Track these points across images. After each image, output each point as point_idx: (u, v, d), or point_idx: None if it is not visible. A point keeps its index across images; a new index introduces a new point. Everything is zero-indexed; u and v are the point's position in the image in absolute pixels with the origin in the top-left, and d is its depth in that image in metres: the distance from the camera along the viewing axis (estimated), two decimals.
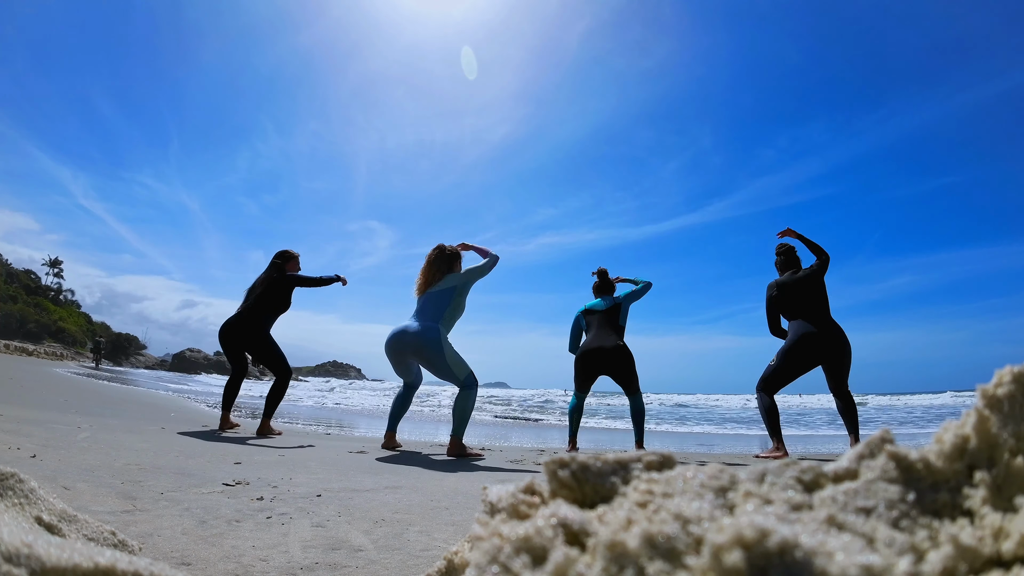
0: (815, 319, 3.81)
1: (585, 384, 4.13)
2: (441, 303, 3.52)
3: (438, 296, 3.55)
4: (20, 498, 0.67)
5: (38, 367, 15.45)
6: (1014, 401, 0.35)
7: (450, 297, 3.55)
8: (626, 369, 3.99)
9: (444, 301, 3.53)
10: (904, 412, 13.35)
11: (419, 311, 3.55)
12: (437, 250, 3.74)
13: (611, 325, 4.11)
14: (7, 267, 55.37)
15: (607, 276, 4.40)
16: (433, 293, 3.57)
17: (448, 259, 3.71)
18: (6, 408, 3.48)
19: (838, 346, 3.73)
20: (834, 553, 0.27)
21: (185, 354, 44.82)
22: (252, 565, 1.01)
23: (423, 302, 3.58)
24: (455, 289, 3.57)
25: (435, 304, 3.52)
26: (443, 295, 3.55)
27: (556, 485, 0.40)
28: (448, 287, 3.58)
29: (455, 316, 3.58)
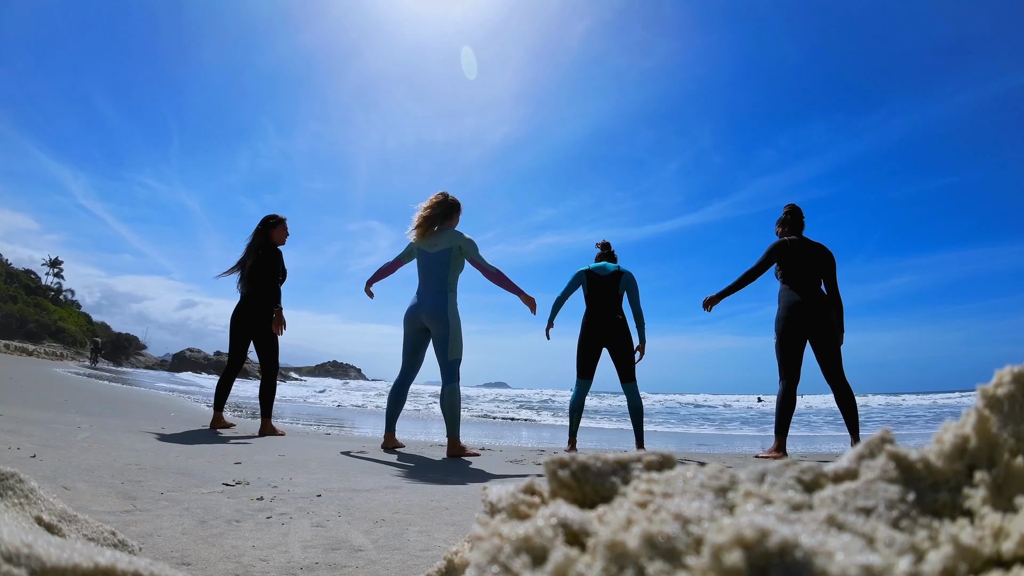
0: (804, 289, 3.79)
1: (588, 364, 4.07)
2: (441, 265, 3.58)
3: (436, 257, 3.60)
4: (20, 498, 0.67)
5: (38, 367, 15.45)
6: (1014, 401, 0.35)
7: (448, 257, 3.59)
8: (625, 346, 3.97)
9: (444, 263, 3.58)
10: (904, 412, 13.35)
11: (423, 279, 3.64)
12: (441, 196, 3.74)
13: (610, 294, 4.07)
14: (7, 267, 55.38)
15: (610, 247, 4.38)
16: (431, 255, 3.61)
17: (449, 208, 3.72)
18: (6, 408, 3.48)
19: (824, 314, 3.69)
20: (834, 553, 0.27)
21: (185, 354, 44.84)
22: (252, 565, 1.01)
23: (423, 266, 3.64)
24: (451, 250, 3.59)
25: (436, 267, 3.59)
26: (441, 256, 3.59)
27: (556, 485, 0.40)
28: (444, 247, 3.61)
29: (455, 276, 3.64)
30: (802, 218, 4.08)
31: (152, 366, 46.99)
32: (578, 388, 4.12)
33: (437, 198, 3.72)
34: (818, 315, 3.72)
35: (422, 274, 3.65)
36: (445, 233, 3.64)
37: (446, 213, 3.70)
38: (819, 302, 3.76)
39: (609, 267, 4.15)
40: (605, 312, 4.03)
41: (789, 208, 4.12)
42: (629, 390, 3.99)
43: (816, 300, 3.76)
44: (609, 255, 4.34)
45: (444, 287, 3.56)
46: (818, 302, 3.76)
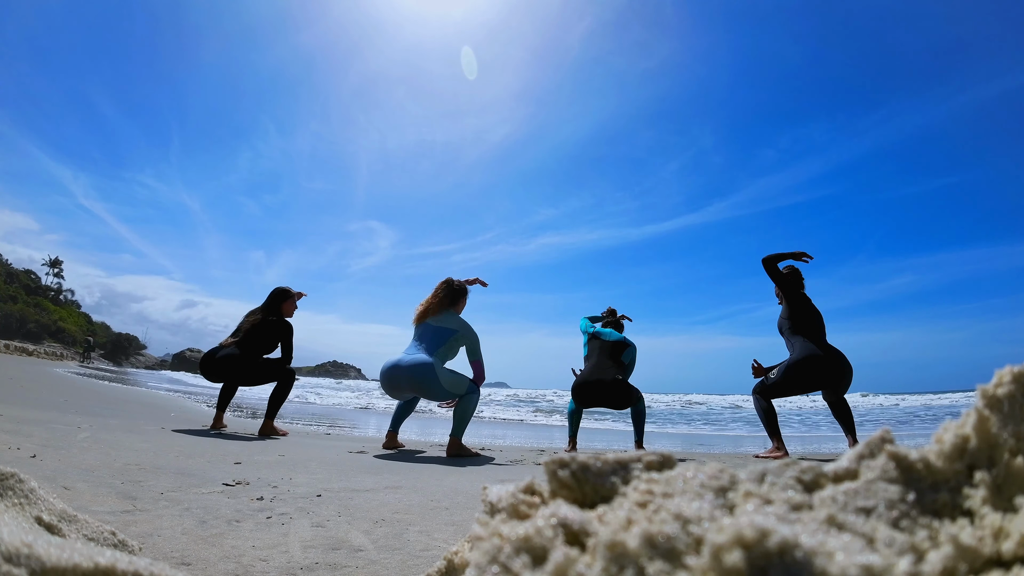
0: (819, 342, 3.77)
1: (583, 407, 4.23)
2: (438, 339, 3.50)
3: (435, 331, 3.53)
4: (20, 498, 0.67)
5: (38, 367, 15.44)
6: (1014, 401, 0.35)
7: (447, 337, 3.52)
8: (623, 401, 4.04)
9: (441, 339, 3.50)
10: (904, 412, 13.35)
11: (415, 341, 3.55)
12: (445, 283, 3.74)
13: (613, 358, 4.21)
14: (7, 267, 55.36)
15: (616, 314, 4.65)
16: (431, 327, 3.56)
17: (454, 293, 3.71)
18: (6, 408, 3.48)
19: (842, 374, 3.68)
20: (834, 553, 0.27)
21: (185, 354, 44.82)
22: (252, 565, 1.01)
23: (420, 333, 3.57)
24: (454, 333, 3.53)
25: (432, 338, 3.50)
26: (440, 332, 3.53)
27: (556, 485, 0.40)
28: (447, 327, 3.55)
29: (448, 356, 3.54)
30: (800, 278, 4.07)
31: (152, 366, 46.99)
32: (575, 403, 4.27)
33: (441, 287, 3.73)
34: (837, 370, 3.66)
35: (415, 341, 3.55)
36: (453, 316, 3.61)
37: (452, 300, 3.69)
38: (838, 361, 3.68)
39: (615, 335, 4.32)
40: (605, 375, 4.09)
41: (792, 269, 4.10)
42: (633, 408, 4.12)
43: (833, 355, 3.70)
44: (616, 323, 4.54)
45: (432, 355, 3.41)
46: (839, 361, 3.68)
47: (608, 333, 4.32)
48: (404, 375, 3.33)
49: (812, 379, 3.71)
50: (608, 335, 4.31)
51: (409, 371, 3.32)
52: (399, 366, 3.36)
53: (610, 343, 4.26)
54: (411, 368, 3.32)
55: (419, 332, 3.58)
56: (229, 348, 4.08)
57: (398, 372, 3.35)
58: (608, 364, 4.16)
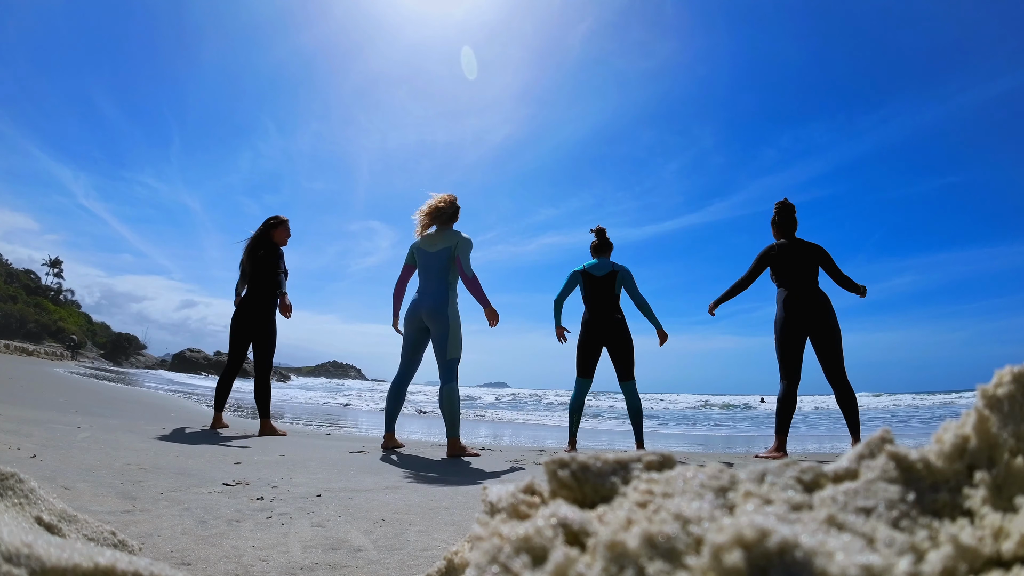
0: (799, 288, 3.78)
1: (588, 363, 4.08)
2: (441, 264, 3.65)
3: (436, 256, 3.67)
4: (20, 498, 0.67)
5: (38, 367, 15.44)
6: (1014, 401, 0.35)
7: (447, 258, 3.65)
8: (624, 345, 3.98)
9: (443, 262, 3.65)
10: (904, 412, 13.35)
11: (423, 277, 3.69)
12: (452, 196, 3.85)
13: (607, 294, 4.07)
14: (7, 267, 55.36)
15: (605, 235, 4.31)
16: (431, 254, 3.68)
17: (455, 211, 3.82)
18: (6, 408, 3.48)
19: (822, 309, 3.68)
20: (834, 553, 0.27)
21: (185, 354, 44.79)
22: (252, 565, 1.01)
23: (423, 266, 3.70)
24: (450, 250, 3.66)
25: (436, 266, 3.65)
26: (441, 255, 3.67)
27: (556, 485, 0.40)
28: (444, 247, 3.68)
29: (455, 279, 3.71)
30: (793, 214, 4.02)
31: (152, 366, 46.95)
32: (578, 387, 4.13)
33: (451, 197, 3.82)
34: (816, 311, 3.70)
35: (423, 274, 3.71)
36: (445, 233, 3.71)
37: (452, 215, 3.79)
38: (816, 298, 3.73)
39: (603, 266, 4.14)
40: (604, 312, 4.03)
41: (779, 206, 4.08)
42: (628, 389, 3.99)
43: (813, 296, 3.74)
44: (604, 243, 4.28)
45: (444, 285, 3.61)
46: (815, 298, 3.73)
47: (596, 266, 4.13)
48: (425, 307, 3.59)
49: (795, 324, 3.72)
50: (595, 269, 4.12)
51: (430, 306, 3.58)
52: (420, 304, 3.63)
53: (600, 278, 4.09)
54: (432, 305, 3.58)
55: (422, 265, 3.72)
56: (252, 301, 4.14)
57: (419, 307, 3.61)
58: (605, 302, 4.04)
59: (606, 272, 4.10)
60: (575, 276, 4.20)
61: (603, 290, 4.07)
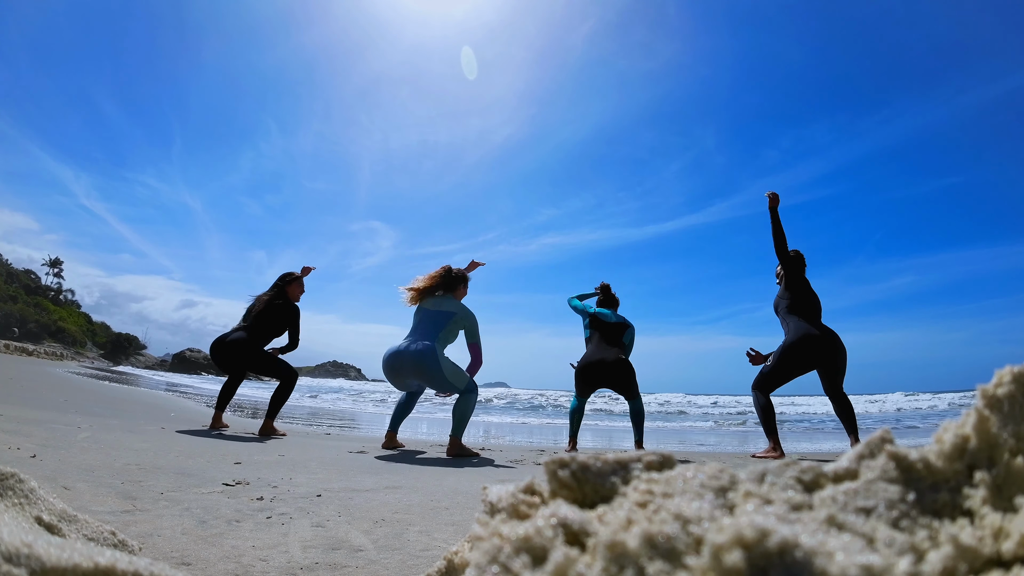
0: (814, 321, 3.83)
1: (586, 392, 4.22)
2: (437, 324, 3.51)
3: (434, 316, 3.55)
4: (20, 498, 0.67)
5: (38, 367, 15.44)
6: (1014, 401, 0.35)
7: (447, 321, 3.53)
8: (626, 381, 4.06)
9: (440, 323, 3.51)
10: (904, 412, 13.35)
11: (414, 329, 3.56)
12: (444, 269, 3.76)
13: (614, 339, 4.22)
14: (7, 267, 55.36)
15: (610, 291, 4.54)
16: (430, 312, 3.57)
17: (453, 280, 3.72)
18: (6, 408, 3.48)
19: (836, 350, 3.72)
20: (834, 553, 0.27)
21: (185, 354, 44.78)
22: (252, 565, 1.01)
23: (419, 320, 3.58)
24: (452, 316, 3.54)
25: (431, 324, 3.52)
26: (440, 316, 3.54)
27: (556, 485, 0.40)
28: (446, 311, 3.56)
29: (448, 340, 3.55)
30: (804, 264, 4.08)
31: (152, 366, 46.95)
32: (577, 401, 4.27)
33: (440, 271, 3.73)
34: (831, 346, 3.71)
35: (415, 328, 3.56)
36: (451, 301, 3.64)
37: (450, 286, 3.71)
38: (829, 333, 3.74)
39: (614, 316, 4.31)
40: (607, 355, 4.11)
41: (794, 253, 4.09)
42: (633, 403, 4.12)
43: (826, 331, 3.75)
44: (610, 299, 4.50)
45: (433, 340, 3.43)
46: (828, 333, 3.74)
47: (607, 315, 4.31)
48: (408, 361, 3.35)
49: (807, 358, 3.75)
50: (607, 316, 4.30)
51: (413, 357, 3.33)
52: (403, 353, 3.37)
53: (610, 324, 4.25)
54: (415, 354, 3.33)
55: (417, 319, 3.59)
56: (238, 333, 4.13)
57: (402, 359, 3.37)
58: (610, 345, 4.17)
59: (617, 321, 4.29)
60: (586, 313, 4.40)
61: (610, 336, 4.24)
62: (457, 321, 3.56)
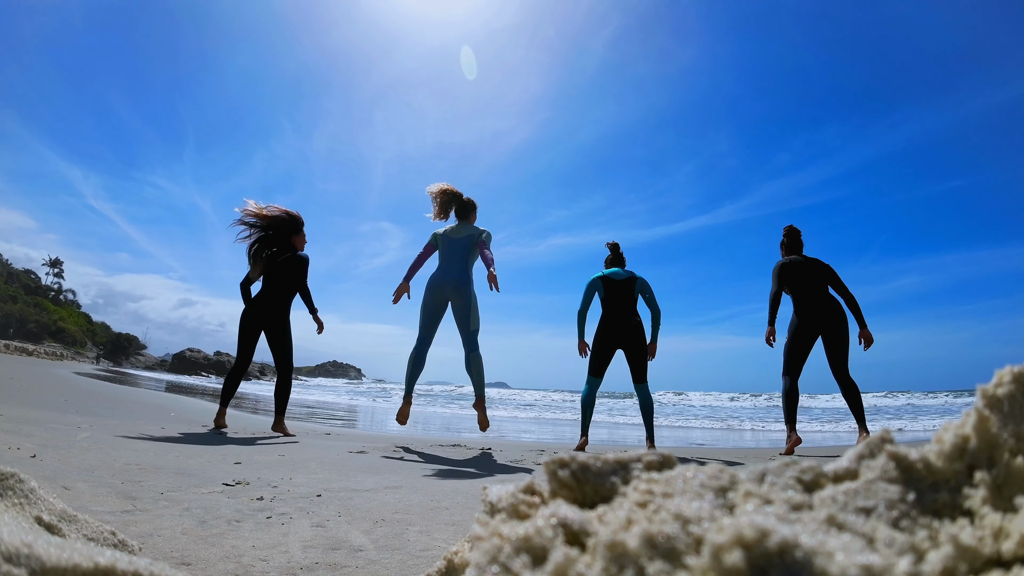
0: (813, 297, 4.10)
1: (601, 362, 4.22)
2: (466, 249, 4.04)
3: (462, 243, 4.05)
4: (20, 498, 0.67)
5: (38, 367, 15.44)
6: (1014, 401, 0.35)
7: (471, 243, 4.05)
8: (640, 348, 4.14)
9: (467, 248, 4.04)
10: (904, 412, 13.35)
11: (446, 258, 4.05)
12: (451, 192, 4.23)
13: (627, 298, 4.24)
14: (7, 267, 55.38)
15: (618, 249, 4.52)
16: (456, 240, 4.06)
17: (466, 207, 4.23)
18: (6, 408, 3.48)
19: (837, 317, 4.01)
20: (834, 553, 0.27)
21: (185, 354, 44.78)
22: (252, 565, 1.01)
23: (448, 249, 4.05)
24: (472, 238, 4.05)
25: (461, 251, 4.03)
26: (466, 242, 4.05)
27: (556, 485, 0.40)
28: (469, 234, 4.07)
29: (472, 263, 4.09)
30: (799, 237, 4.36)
31: (152, 366, 46.91)
32: (589, 385, 4.26)
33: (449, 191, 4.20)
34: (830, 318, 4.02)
35: (445, 257, 4.07)
36: (468, 227, 4.14)
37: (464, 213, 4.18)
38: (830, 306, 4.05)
39: (622, 272, 4.31)
40: (622, 315, 4.19)
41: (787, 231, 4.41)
42: (641, 390, 4.15)
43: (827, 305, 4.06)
44: (618, 257, 4.48)
45: (466, 267, 4.01)
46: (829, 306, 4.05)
47: (615, 273, 4.33)
48: (451, 285, 3.95)
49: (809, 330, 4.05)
50: (617, 275, 4.32)
51: (456, 284, 3.96)
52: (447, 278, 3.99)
53: (621, 282, 4.28)
54: (457, 282, 3.96)
55: (446, 248, 4.08)
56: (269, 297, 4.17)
57: (446, 280, 3.97)
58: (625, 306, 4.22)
59: (626, 278, 4.29)
60: (594, 283, 4.36)
61: (623, 294, 4.25)
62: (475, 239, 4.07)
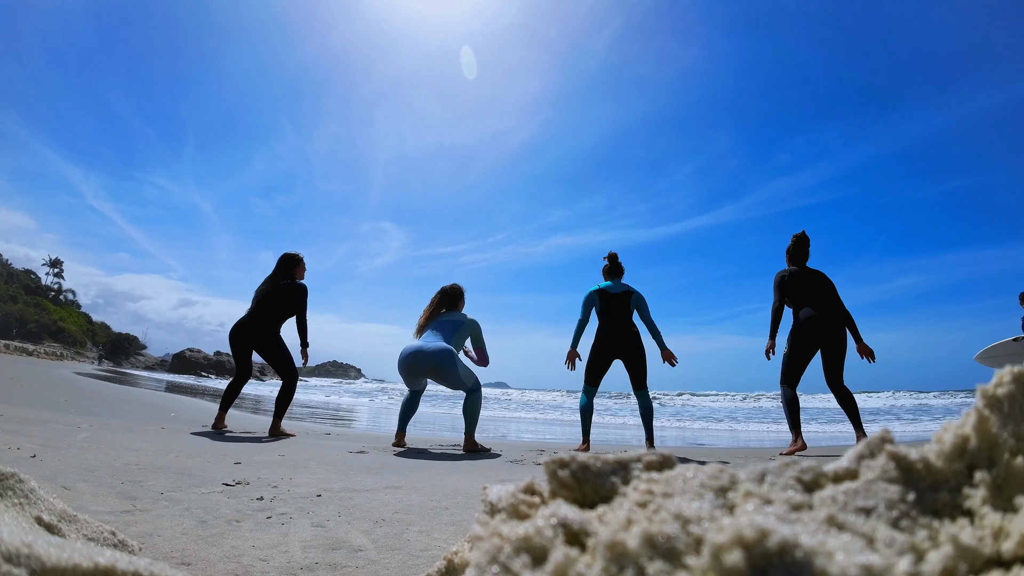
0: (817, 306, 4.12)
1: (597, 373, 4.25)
2: (451, 328, 3.87)
3: (448, 323, 3.90)
4: (20, 498, 0.67)
5: (38, 367, 15.44)
6: (1014, 401, 0.35)
7: (458, 327, 3.89)
8: (638, 357, 4.16)
9: (454, 328, 3.88)
10: (904, 412, 13.35)
11: (431, 332, 3.86)
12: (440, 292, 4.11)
13: (623, 311, 4.26)
14: (7, 267, 55.36)
15: (617, 259, 4.54)
16: (443, 319, 3.92)
17: (453, 298, 4.07)
18: (6, 408, 3.48)
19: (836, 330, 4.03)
20: (834, 553, 0.27)
21: (185, 354, 44.76)
22: (252, 565, 1.01)
23: (435, 325, 3.90)
24: (462, 323, 3.92)
25: (447, 328, 3.87)
26: (453, 323, 3.91)
27: (556, 485, 0.40)
28: (457, 319, 3.93)
29: (460, 344, 3.91)
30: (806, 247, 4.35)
31: (152, 366, 46.88)
32: (586, 394, 4.30)
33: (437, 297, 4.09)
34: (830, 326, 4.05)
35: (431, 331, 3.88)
36: (457, 313, 4.04)
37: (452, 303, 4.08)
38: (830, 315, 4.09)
39: (619, 286, 4.34)
40: (620, 325, 4.21)
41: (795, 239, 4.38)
42: (641, 396, 4.17)
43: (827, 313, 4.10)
44: (616, 267, 4.50)
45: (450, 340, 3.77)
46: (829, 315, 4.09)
47: (612, 286, 4.35)
48: (427, 360, 3.64)
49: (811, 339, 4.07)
50: (612, 288, 4.34)
51: (432, 356, 3.63)
52: (423, 351, 3.65)
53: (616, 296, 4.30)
54: (434, 354, 3.63)
55: (434, 324, 3.92)
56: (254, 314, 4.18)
57: (421, 357, 3.64)
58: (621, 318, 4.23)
59: (622, 291, 4.32)
60: (592, 296, 4.38)
61: (619, 307, 4.28)
62: (466, 327, 3.93)
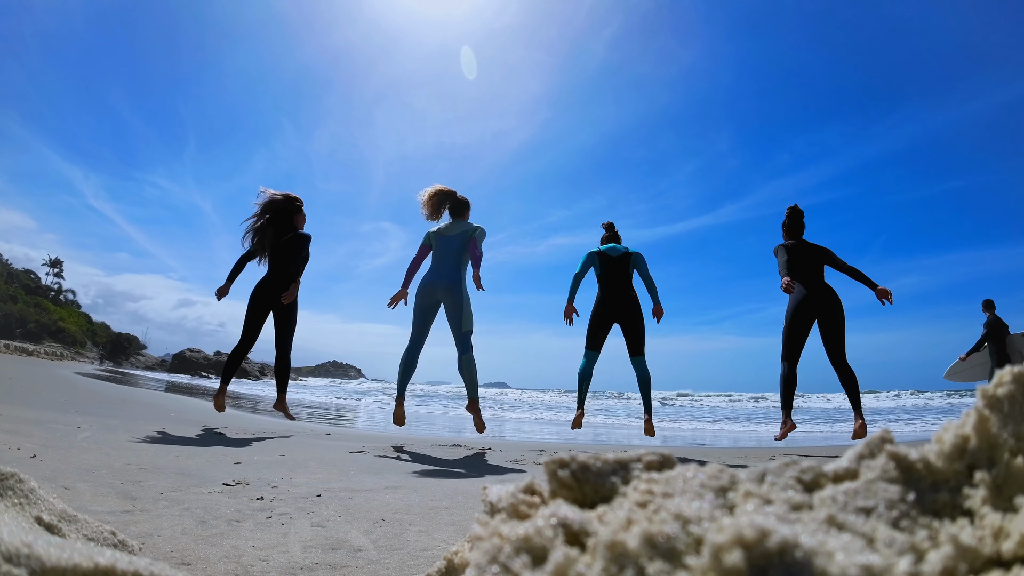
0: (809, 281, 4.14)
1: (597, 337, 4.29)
2: (460, 248, 3.99)
3: (456, 240, 4.00)
4: (20, 498, 0.67)
5: (38, 367, 15.45)
6: (1014, 401, 0.35)
7: (463, 242, 3.99)
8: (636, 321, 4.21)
9: (461, 247, 3.99)
10: (904, 411, 13.35)
11: (440, 258, 4.01)
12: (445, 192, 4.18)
13: (623, 274, 4.32)
14: (7, 267, 55.37)
15: (614, 228, 4.61)
16: (449, 239, 4.01)
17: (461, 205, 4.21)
18: (6, 408, 3.48)
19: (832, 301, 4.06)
20: (834, 553, 0.27)
21: (185, 354, 44.74)
22: (252, 565, 1.01)
23: (442, 248, 4.01)
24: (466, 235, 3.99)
25: (455, 250, 4.00)
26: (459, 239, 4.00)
27: (556, 485, 0.40)
28: (464, 231, 4.02)
29: (465, 262, 4.05)
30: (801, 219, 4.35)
31: (152, 366, 46.87)
32: (587, 359, 4.33)
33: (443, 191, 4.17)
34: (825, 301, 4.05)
35: (438, 256, 4.03)
36: (462, 223, 4.11)
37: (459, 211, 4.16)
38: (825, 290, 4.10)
39: (618, 249, 4.39)
40: (618, 290, 4.27)
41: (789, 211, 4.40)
42: (638, 363, 4.21)
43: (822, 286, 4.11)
44: (613, 235, 4.55)
45: (459, 267, 3.96)
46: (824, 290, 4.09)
47: (612, 248, 4.39)
48: (442, 285, 3.90)
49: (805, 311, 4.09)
50: (613, 250, 4.39)
51: (447, 284, 3.90)
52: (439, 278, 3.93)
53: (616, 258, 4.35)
54: (448, 283, 3.90)
55: (440, 247, 4.03)
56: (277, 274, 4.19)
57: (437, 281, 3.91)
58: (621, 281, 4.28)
59: (621, 253, 4.38)
60: (591, 257, 4.43)
61: (618, 269, 4.33)
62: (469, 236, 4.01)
